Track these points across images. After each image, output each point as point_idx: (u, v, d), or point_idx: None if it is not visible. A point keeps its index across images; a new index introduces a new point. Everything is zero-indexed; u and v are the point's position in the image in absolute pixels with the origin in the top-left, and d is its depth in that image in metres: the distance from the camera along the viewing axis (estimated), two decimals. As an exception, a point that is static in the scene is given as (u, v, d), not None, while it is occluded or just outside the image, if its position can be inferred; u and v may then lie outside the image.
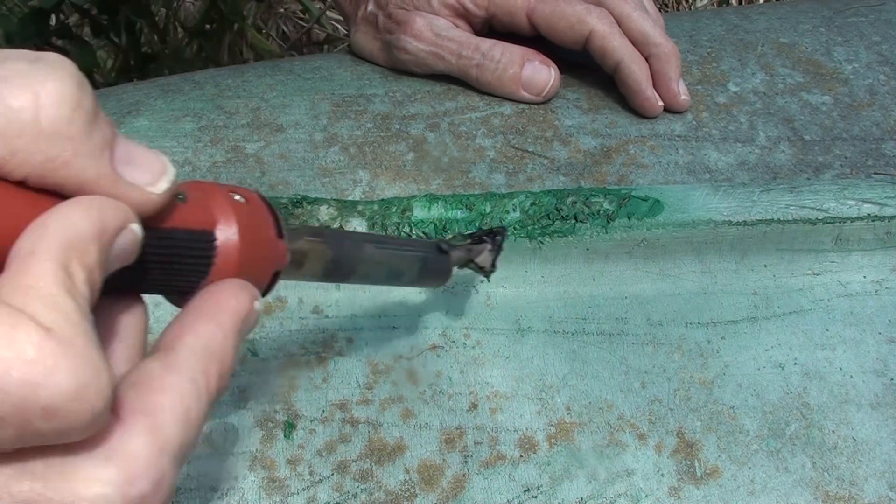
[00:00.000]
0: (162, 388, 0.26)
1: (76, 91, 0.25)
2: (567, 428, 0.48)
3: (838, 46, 0.67)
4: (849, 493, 0.48)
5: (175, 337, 0.28)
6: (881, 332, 0.53)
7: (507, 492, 0.47)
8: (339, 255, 0.38)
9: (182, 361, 0.27)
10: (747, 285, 0.54)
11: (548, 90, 0.59)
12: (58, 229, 0.24)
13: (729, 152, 0.58)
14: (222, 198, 0.31)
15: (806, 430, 0.50)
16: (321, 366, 0.49)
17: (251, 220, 0.32)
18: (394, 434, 0.47)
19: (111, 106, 0.57)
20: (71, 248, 0.24)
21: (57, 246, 0.24)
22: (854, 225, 0.54)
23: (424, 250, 0.44)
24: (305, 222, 0.51)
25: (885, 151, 0.59)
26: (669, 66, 0.59)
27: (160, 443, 0.25)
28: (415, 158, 0.55)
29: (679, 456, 0.48)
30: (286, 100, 0.58)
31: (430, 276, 0.45)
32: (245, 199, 0.32)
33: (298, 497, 0.45)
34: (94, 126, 0.26)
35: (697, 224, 0.53)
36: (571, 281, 0.53)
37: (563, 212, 0.52)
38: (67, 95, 0.25)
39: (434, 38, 0.59)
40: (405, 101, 0.59)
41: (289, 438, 0.46)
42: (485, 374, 0.50)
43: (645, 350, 0.51)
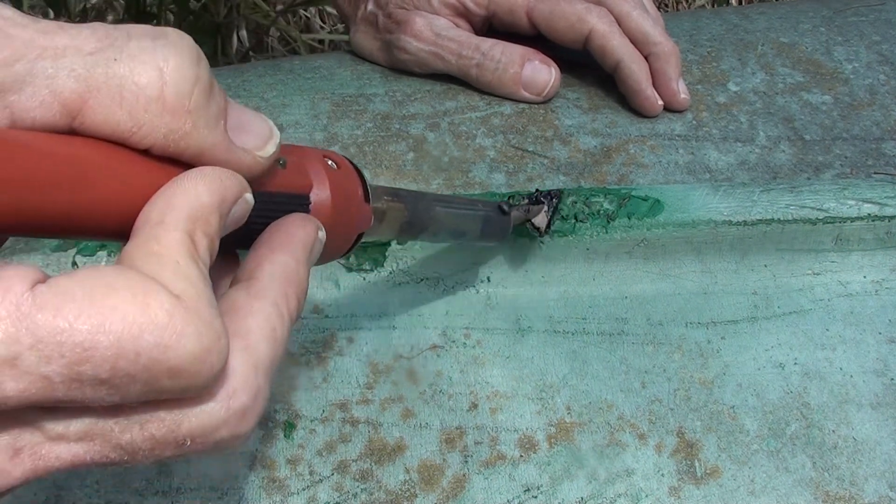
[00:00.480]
0: (250, 313, 0.28)
1: (195, 67, 0.27)
2: (567, 428, 0.48)
3: (838, 46, 0.67)
4: (849, 492, 0.48)
5: (255, 266, 0.30)
6: (881, 332, 0.53)
7: (507, 492, 0.47)
8: (413, 215, 0.40)
9: (264, 288, 0.29)
10: (747, 285, 0.54)
11: (548, 90, 0.59)
12: (185, 200, 0.26)
13: (729, 152, 0.58)
14: (318, 163, 0.33)
15: (806, 429, 0.50)
16: (321, 366, 0.49)
17: (342, 185, 0.34)
18: (394, 434, 0.47)
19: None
20: (196, 218, 0.26)
21: (185, 216, 0.26)
22: (854, 225, 0.54)
23: (487, 210, 0.46)
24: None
25: (886, 151, 0.59)
26: (669, 65, 0.59)
27: (254, 360, 0.27)
28: (415, 158, 0.55)
29: (679, 456, 0.48)
30: (286, 99, 0.58)
31: (491, 234, 0.47)
32: (337, 165, 0.34)
33: (298, 497, 0.45)
34: (210, 98, 0.28)
35: (697, 224, 0.53)
36: (571, 281, 0.53)
37: (563, 212, 0.52)
38: (188, 71, 0.27)
39: (434, 37, 0.59)
40: (405, 101, 0.59)
41: (289, 438, 0.46)
42: (485, 373, 0.50)
43: (645, 350, 0.51)
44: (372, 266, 0.51)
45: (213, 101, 0.28)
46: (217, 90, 0.28)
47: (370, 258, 0.51)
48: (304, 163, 0.33)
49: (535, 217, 0.49)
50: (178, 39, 0.27)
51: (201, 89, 0.27)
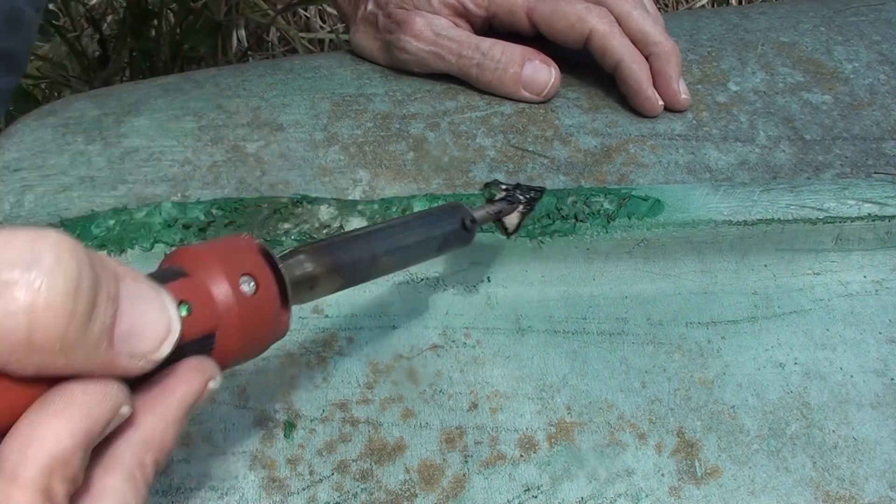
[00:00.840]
0: (102, 495, 0.27)
1: (72, 298, 0.25)
2: (567, 428, 0.48)
3: (838, 46, 0.67)
4: (849, 492, 0.48)
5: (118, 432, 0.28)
6: (881, 332, 0.53)
7: (507, 491, 0.47)
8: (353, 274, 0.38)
9: (119, 459, 0.28)
10: (747, 285, 0.54)
11: (548, 90, 0.59)
12: (41, 449, 0.24)
13: (729, 152, 0.58)
14: (229, 295, 0.31)
15: (806, 429, 0.50)
16: (321, 365, 0.49)
17: (256, 310, 0.32)
18: (394, 434, 0.47)
19: (111, 105, 0.57)
20: (53, 468, 0.24)
21: (39, 469, 0.24)
22: (854, 224, 0.54)
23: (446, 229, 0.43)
24: (306, 222, 0.51)
25: (886, 151, 0.59)
26: (670, 65, 0.59)
27: None
28: (415, 158, 0.55)
29: (679, 456, 0.48)
30: (286, 99, 0.58)
31: (452, 248, 0.44)
32: (256, 282, 0.32)
33: (298, 497, 0.45)
34: (91, 322, 0.25)
35: (698, 224, 0.53)
36: (572, 281, 0.53)
37: (563, 211, 0.52)
38: (62, 307, 0.24)
39: (434, 37, 0.59)
40: (405, 101, 0.59)
41: (289, 438, 0.46)
42: (485, 373, 0.50)
43: (645, 350, 0.51)
44: (372, 266, 0.51)
45: (94, 324, 0.25)
46: (103, 303, 0.26)
47: (370, 258, 0.51)
48: (213, 299, 0.31)
49: (506, 216, 0.46)
50: (54, 264, 0.24)
51: (78, 322, 0.25)
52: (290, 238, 0.50)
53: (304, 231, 0.50)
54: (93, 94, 0.60)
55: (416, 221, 0.42)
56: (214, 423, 0.46)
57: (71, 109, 0.57)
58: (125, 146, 0.54)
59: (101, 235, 0.49)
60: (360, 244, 0.38)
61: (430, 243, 0.42)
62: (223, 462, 0.46)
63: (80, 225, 0.49)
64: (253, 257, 0.32)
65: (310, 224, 0.50)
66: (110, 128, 0.55)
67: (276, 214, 0.51)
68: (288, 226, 0.50)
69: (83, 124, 0.55)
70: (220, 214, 0.50)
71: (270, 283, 0.33)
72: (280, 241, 0.50)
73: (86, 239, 0.49)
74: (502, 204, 0.46)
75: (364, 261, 0.38)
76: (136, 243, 0.49)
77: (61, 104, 0.58)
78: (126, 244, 0.49)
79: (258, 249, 0.33)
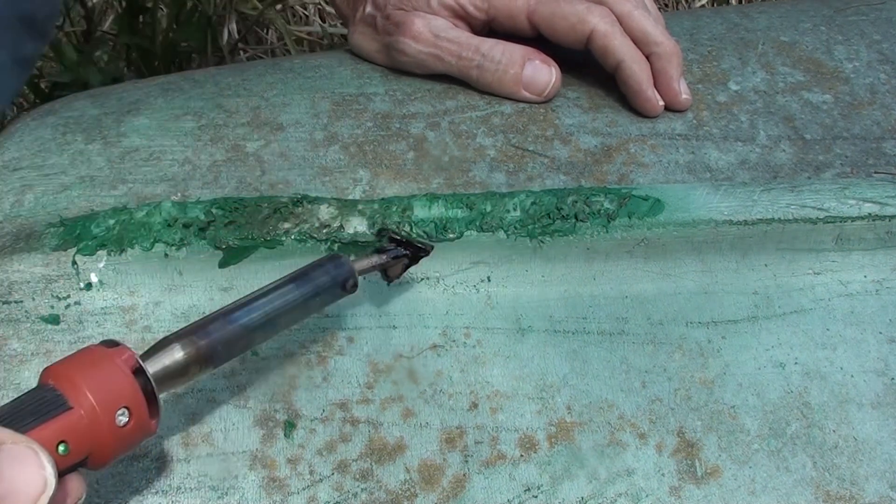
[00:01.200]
0: None
1: None
2: (567, 427, 0.48)
3: (839, 45, 0.67)
4: (849, 492, 0.48)
5: None
6: (882, 332, 0.53)
7: (507, 491, 0.47)
8: (226, 355, 0.40)
9: None
10: (748, 285, 0.54)
11: (549, 90, 0.59)
12: None
13: (729, 151, 0.58)
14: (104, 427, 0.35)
15: (807, 429, 0.50)
16: (321, 365, 0.48)
17: (126, 438, 0.36)
18: (394, 433, 0.47)
19: (111, 105, 0.57)
20: None
21: None
22: (855, 224, 0.54)
23: (325, 298, 0.44)
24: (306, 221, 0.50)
25: (886, 150, 0.59)
26: (671, 65, 0.59)
27: None
28: (415, 157, 0.55)
29: (679, 455, 0.48)
30: (286, 98, 0.58)
31: (331, 303, 0.45)
32: (129, 411, 0.36)
33: (299, 497, 0.45)
34: None
35: (698, 223, 0.53)
36: (572, 280, 0.53)
37: (563, 211, 0.52)
38: None
39: (433, 39, 0.59)
40: (405, 100, 0.59)
41: (289, 438, 0.46)
42: (485, 373, 0.50)
43: (645, 349, 0.51)
44: (372, 265, 0.51)
45: None
46: None
47: (370, 258, 0.51)
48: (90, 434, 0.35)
49: (390, 267, 0.48)
50: None
51: None
52: (290, 237, 0.50)
53: (304, 231, 0.50)
54: (93, 94, 0.60)
55: (295, 287, 0.43)
56: (214, 423, 0.46)
57: (71, 109, 0.57)
58: (125, 145, 0.54)
59: (101, 235, 0.49)
60: (235, 327, 0.40)
61: (307, 309, 0.43)
62: (223, 462, 0.46)
63: (80, 224, 0.49)
64: (129, 386, 0.36)
65: (310, 224, 0.50)
66: (110, 127, 0.55)
67: (276, 214, 0.50)
68: (288, 225, 0.50)
69: (83, 123, 0.55)
70: (220, 214, 0.50)
71: (144, 411, 0.37)
72: (280, 240, 0.50)
73: (86, 238, 0.49)
74: (387, 257, 0.47)
75: (239, 343, 0.41)
76: (136, 243, 0.49)
77: (61, 104, 0.58)
78: (126, 244, 0.49)
79: (133, 368, 0.37)
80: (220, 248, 0.49)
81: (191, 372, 0.39)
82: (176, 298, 0.49)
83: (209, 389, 0.47)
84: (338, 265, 0.44)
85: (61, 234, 0.49)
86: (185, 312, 0.48)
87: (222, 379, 0.47)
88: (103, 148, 0.54)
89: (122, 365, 0.36)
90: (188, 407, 0.46)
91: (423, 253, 0.48)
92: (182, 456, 0.45)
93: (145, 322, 0.48)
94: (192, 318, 0.48)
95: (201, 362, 0.39)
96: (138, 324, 0.48)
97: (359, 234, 0.50)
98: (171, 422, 0.46)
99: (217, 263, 0.49)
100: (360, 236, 0.50)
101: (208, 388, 0.47)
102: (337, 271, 0.44)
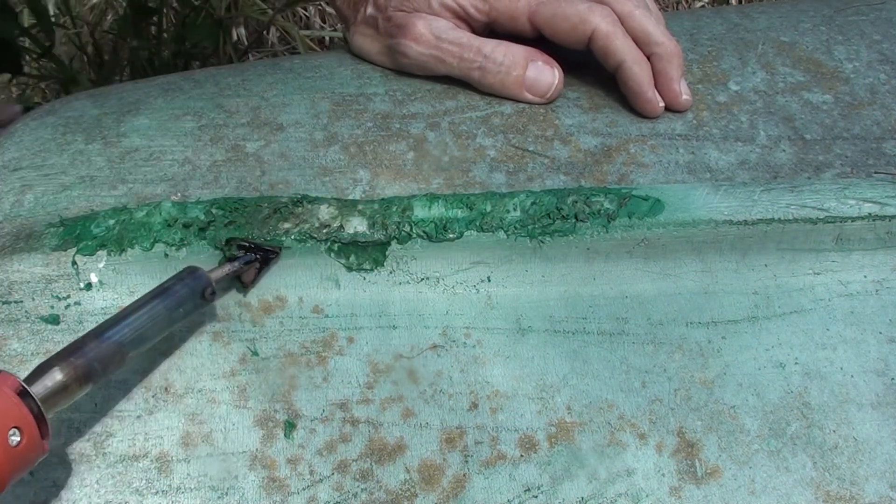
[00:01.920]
0: None
1: None
2: (567, 427, 0.48)
3: (839, 45, 0.67)
4: (849, 492, 0.48)
5: None
6: (882, 332, 0.53)
7: (507, 491, 0.47)
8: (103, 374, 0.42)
9: None
10: (748, 285, 0.54)
11: (552, 92, 0.59)
12: None
13: (729, 151, 0.58)
14: None
15: (807, 429, 0.50)
16: (321, 365, 0.49)
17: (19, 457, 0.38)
18: (394, 434, 0.47)
19: (111, 104, 0.57)
20: None
21: None
22: (855, 224, 0.54)
23: (187, 307, 0.46)
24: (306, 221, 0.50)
25: (886, 150, 0.59)
26: (671, 65, 0.59)
27: None
28: (415, 157, 0.55)
29: (680, 456, 0.48)
30: (286, 98, 0.58)
31: (193, 312, 0.47)
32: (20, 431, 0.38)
33: (299, 497, 0.45)
34: None
35: (698, 223, 0.53)
36: (572, 280, 0.53)
37: (563, 211, 0.52)
38: None
39: (435, 41, 0.59)
40: (405, 100, 0.59)
41: (289, 438, 0.46)
42: (485, 373, 0.50)
43: (645, 350, 0.51)
44: (372, 266, 0.51)
45: None
46: None
47: (370, 258, 0.51)
48: None
49: (244, 273, 0.49)
50: None
51: None
52: (290, 237, 0.50)
53: (304, 231, 0.50)
54: (93, 94, 0.60)
55: (159, 302, 0.45)
56: (214, 423, 0.46)
57: (71, 109, 0.57)
58: (125, 145, 0.54)
59: (101, 235, 0.49)
60: (109, 344, 0.43)
61: (172, 321, 0.45)
62: (223, 462, 0.46)
63: (80, 224, 0.49)
64: (16, 407, 0.38)
65: (310, 224, 0.50)
66: (110, 127, 0.55)
67: (276, 214, 0.50)
68: (288, 225, 0.50)
69: (83, 123, 0.55)
70: (220, 214, 0.50)
71: (34, 431, 0.39)
72: (280, 240, 0.50)
73: (86, 238, 0.49)
74: (239, 263, 0.48)
75: (114, 359, 0.43)
76: (136, 243, 0.49)
77: (61, 103, 0.58)
78: (126, 244, 0.49)
79: (17, 391, 0.39)
80: (220, 249, 0.49)
81: (72, 390, 0.41)
82: (176, 298, 0.49)
83: (209, 389, 0.47)
84: (195, 277, 0.46)
85: (61, 234, 0.49)
86: (185, 312, 0.48)
87: (222, 379, 0.47)
88: (103, 148, 0.54)
89: (8, 389, 0.39)
90: (188, 407, 0.46)
91: (272, 255, 0.49)
92: (182, 456, 0.45)
93: (145, 322, 0.48)
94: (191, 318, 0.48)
95: (81, 381, 0.41)
96: (138, 324, 0.48)
97: (359, 234, 0.50)
98: (171, 422, 0.46)
99: (217, 263, 0.49)
100: (360, 236, 0.50)
101: (208, 388, 0.47)
102: (195, 283, 0.46)
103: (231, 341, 0.48)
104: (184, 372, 0.47)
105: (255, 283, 0.49)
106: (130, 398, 0.46)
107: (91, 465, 0.45)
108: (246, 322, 0.49)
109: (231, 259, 0.49)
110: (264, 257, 0.49)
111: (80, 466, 0.45)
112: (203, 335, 0.48)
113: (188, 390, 0.47)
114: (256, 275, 0.49)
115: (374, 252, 0.51)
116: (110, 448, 0.45)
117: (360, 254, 0.51)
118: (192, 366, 0.47)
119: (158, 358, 0.47)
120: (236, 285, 0.49)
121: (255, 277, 0.49)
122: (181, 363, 0.47)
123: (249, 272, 0.49)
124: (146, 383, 0.47)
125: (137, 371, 0.47)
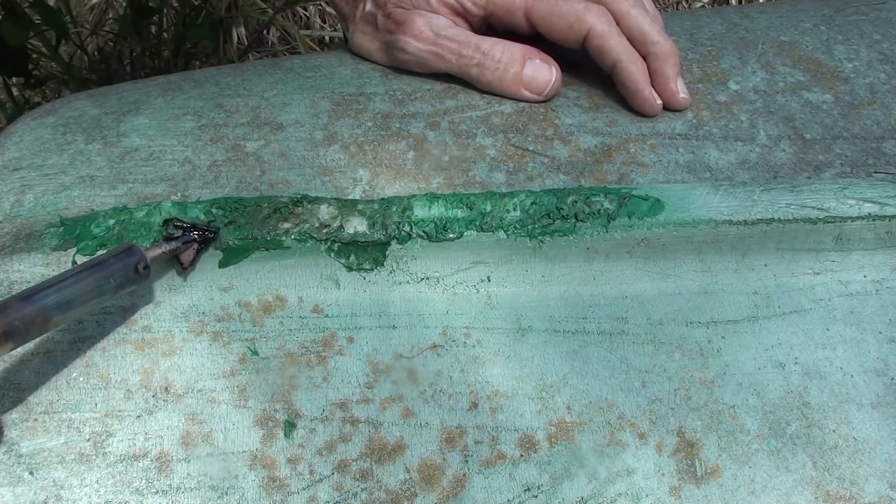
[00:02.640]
0: None
1: None
2: (567, 427, 0.48)
3: (839, 45, 0.67)
4: (849, 492, 0.48)
5: None
6: (882, 332, 0.53)
7: (507, 491, 0.47)
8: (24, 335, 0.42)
9: None
10: (748, 285, 0.54)
11: (549, 89, 0.59)
12: None
13: (729, 151, 0.58)
14: None
15: (806, 429, 0.50)
16: (321, 365, 0.49)
17: None
18: (394, 433, 0.47)
19: (111, 104, 0.57)
20: None
21: None
22: (855, 224, 0.54)
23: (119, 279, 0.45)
24: (306, 221, 0.50)
25: (886, 150, 0.59)
26: (667, 64, 0.59)
27: None
28: (415, 157, 0.55)
29: (679, 455, 0.48)
30: (286, 98, 0.58)
31: (127, 289, 0.46)
32: None
33: (298, 496, 0.45)
34: None
35: (698, 223, 0.53)
36: (572, 280, 0.53)
37: (563, 211, 0.52)
38: None
39: (434, 37, 0.59)
40: (405, 100, 0.59)
41: (289, 438, 0.46)
42: (485, 373, 0.50)
43: (645, 349, 0.51)
44: (372, 265, 0.51)
45: None
46: None
47: (370, 258, 0.51)
48: None
49: (182, 253, 0.49)
50: None
51: None
52: (290, 237, 0.50)
53: (304, 231, 0.50)
54: (93, 94, 0.60)
55: (89, 273, 0.45)
56: (214, 423, 0.46)
57: (71, 108, 0.57)
58: (125, 145, 0.54)
59: (101, 235, 0.49)
60: (32, 306, 0.42)
61: (102, 291, 0.45)
62: (223, 462, 0.46)
63: (80, 224, 0.49)
64: None
65: (310, 224, 0.50)
66: (110, 127, 0.55)
67: (276, 214, 0.51)
68: (288, 225, 0.50)
69: (83, 123, 0.55)
70: (219, 214, 0.50)
71: None
72: (280, 240, 0.50)
73: (86, 238, 0.49)
74: (177, 243, 0.48)
75: (36, 321, 0.42)
76: (137, 243, 0.49)
77: (61, 103, 0.58)
78: (126, 244, 0.49)
79: None
80: (220, 249, 0.49)
81: None
82: (176, 298, 0.49)
83: (209, 389, 0.47)
84: (130, 252, 0.46)
85: (61, 234, 0.49)
86: (185, 312, 0.48)
87: (222, 379, 0.47)
88: (103, 148, 0.54)
89: None
90: (188, 407, 0.46)
91: (210, 234, 0.49)
92: (182, 456, 0.45)
93: (145, 322, 0.48)
94: (191, 318, 0.48)
95: (1, 339, 0.41)
96: (138, 324, 0.48)
97: (359, 234, 0.50)
98: (171, 421, 0.46)
99: (217, 263, 0.49)
100: (360, 236, 0.50)
101: (208, 388, 0.47)
102: (129, 258, 0.46)
103: (231, 341, 0.48)
104: (184, 372, 0.47)
105: (193, 264, 0.49)
106: (130, 398, 0.46)
107: (91, 464, 0.45)
108: (246, 322, 0.49)
109: (168, 238, 0.48)
110: (203, 237, 0.49)
111: (80, 466, 0.45)
112: (203, 335, 0.48)
113: (188, 390, 0.47)
114: (195, 255, 0.49)
115: (374, 252, 0.51)
116: (110, 448, 0.45)
117: (360, 254, 0.51)
118: (192, 366, 0.47)
119: (158, 358, 0.47)
120: (175, 267, 0.49)
121: (193, 258, 0.49)
122: (181, 363, 0.47)
123: (188, 253, 0.49)
124: (146, 383, 0.47)
125: (137, 371, 0.47)
